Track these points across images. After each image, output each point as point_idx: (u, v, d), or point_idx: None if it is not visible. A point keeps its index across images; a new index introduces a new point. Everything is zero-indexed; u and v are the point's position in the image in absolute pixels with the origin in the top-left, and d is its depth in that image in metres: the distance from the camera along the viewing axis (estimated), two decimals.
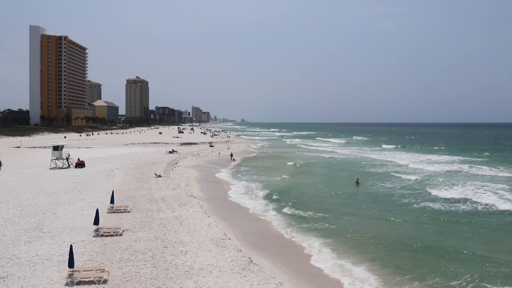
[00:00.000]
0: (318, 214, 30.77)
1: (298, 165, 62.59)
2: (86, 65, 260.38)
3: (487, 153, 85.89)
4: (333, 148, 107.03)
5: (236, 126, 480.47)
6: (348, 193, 39.93)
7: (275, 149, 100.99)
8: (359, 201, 36.28)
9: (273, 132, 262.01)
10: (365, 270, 19.33)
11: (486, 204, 33.84)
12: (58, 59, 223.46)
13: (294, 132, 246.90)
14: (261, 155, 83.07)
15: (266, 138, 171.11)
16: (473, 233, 25.97)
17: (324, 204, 34.78)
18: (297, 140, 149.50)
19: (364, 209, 32.86)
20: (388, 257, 21.29)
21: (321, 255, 21.52)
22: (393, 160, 71.61)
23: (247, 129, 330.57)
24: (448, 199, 36.43)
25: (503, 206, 33.15)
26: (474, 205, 33.81)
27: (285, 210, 31.75)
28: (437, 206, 33.71)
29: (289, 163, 64.40)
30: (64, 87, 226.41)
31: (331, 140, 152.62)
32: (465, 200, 35.69)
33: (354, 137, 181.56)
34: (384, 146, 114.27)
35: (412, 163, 66.34)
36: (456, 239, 24.71)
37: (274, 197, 37.11)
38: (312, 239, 24.17)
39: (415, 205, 34.29)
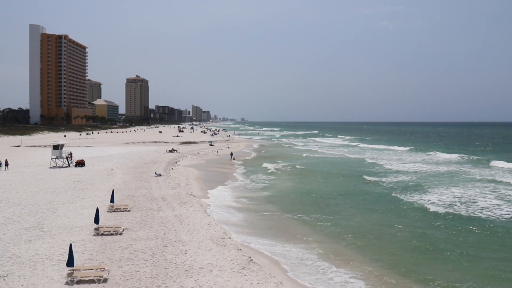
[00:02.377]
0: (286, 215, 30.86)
1: (284, 164, 62.50)
2: (86, 64, 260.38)
3: (488, 153, 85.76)
4: (318, 147, 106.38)
5: (236, 125, 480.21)
6: (332, 193, 40.01)
7: (272, 148, 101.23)
8: (354, 200, 36.31)
9: (269, 131, 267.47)
10: (364, 271, 19.34)
11: (490, 206, 32.96)
12: (58, 58, 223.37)
13: (285, 132, 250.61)
14: (260, 154, 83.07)
15: (264, 137, 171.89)
16: (475, 235, 25.73)
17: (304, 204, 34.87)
18: (291, 140, 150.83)
19: (365, 209, 32.86)
20: (388, 260, 21.30)
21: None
22: (367, 159, 71.76)
23: (244, 128, 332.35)
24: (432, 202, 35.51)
25: (507, 209, 32.18)
26: (475, 207, 32.93)
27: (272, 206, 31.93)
28: (422, 208, 33.12)
29: (278, 162, 64.14)
30: (64, 86, 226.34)
31: (318, 139, 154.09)
32: (461, 203, 34.78)
33: (340, 136, 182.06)
34: (374, 146, 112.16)
35: (386, 162, 65.95)
36: (455, 241, 24.65)
37: (271, 198, 37.38)
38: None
39: (382, 208, 33.48)
